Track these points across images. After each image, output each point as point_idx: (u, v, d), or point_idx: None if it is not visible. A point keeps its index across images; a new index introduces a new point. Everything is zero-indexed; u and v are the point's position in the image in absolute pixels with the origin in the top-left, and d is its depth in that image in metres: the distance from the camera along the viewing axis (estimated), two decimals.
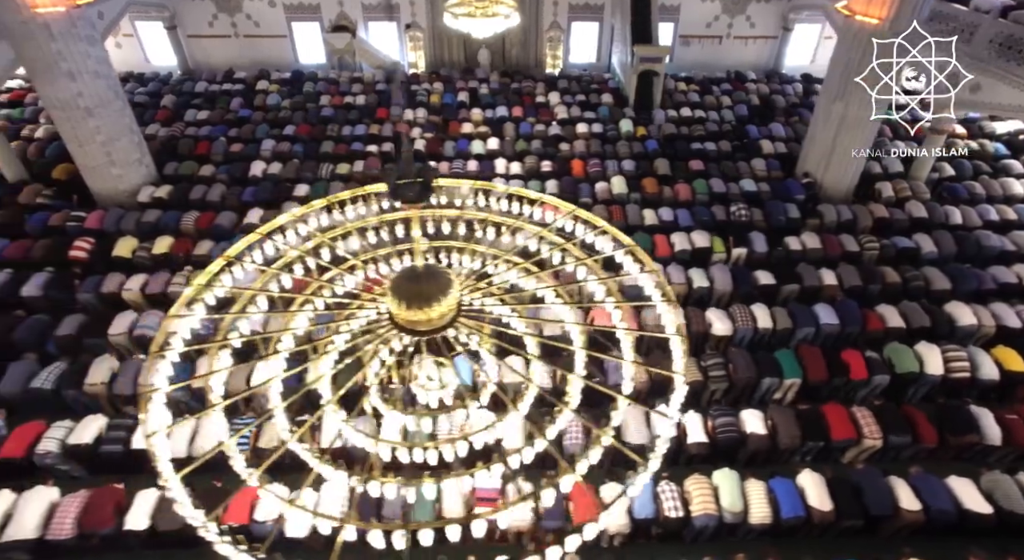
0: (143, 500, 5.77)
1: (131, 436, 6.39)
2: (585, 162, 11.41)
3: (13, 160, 11.23)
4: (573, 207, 3.58)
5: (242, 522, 5.72)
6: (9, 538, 5.38)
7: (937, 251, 9.33)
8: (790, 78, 15.97)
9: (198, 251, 9.13)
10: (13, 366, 7.09)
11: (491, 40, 16.94)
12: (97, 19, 10.35)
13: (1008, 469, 6.11)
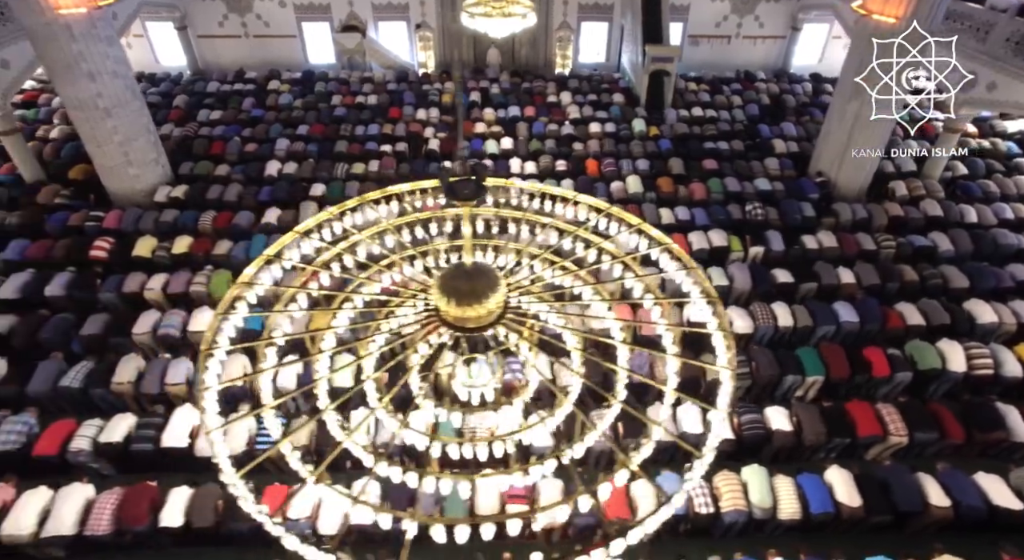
0: (176, 497, 5.80)
1: (160, 435, 6.42)
2: (599, 161, 11.45)
3: (30, 160, 11.26)
4: (639, 221, 3.59)
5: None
6: (48, 534, 5.43)
7: (954, 249, 9.38)
8: (799, 77, 16.00)
9: (217, 250, 9.17)
10: (42, 365, 7.13)
11: (501, 40, 17.00)
12: (111, 20, 10.35)
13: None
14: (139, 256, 9.12)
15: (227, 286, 8.40)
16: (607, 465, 6.45)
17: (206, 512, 5.75)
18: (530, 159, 11.55)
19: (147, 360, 7.42)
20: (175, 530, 5.73)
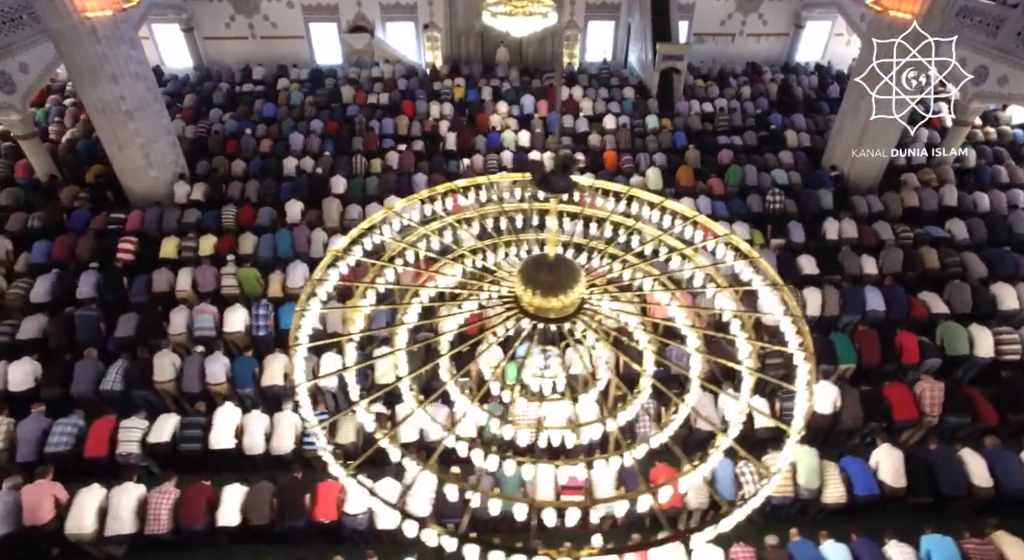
0: (231, 495, 5.81)
1: (206, 434, 6.44)
2: (618, 156, 11.58)
3: (48, 162, 11.21)
4: (726, 231, 3.66)
5: (331, 518, 5.81)
6: (111, 533, 5.46)
7: (970, 237, 9.62)
8: (806, 69, 16.27)
9: (242, 248, 9.17)
10: (79, 366, 7.08)
11: (509, 39, 17.11)
12: (132, 22, 10.32)
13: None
14: (165, 256, 9.10)
15: (256, 282, 8.48)
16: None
17: (262, 509, 5.78)
18: (549, 153, 11.65)
19: (182, 358, 7.41)
20: (232, 529, 5.79)
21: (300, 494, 5.76)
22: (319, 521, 5.77)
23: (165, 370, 7.08)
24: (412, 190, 10.66)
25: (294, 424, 6.46)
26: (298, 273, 8.47)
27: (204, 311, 7.82)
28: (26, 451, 6.28)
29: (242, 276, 8.45)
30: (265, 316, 7.83)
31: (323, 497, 5.81)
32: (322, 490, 5.83)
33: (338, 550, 5.81)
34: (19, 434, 6.27)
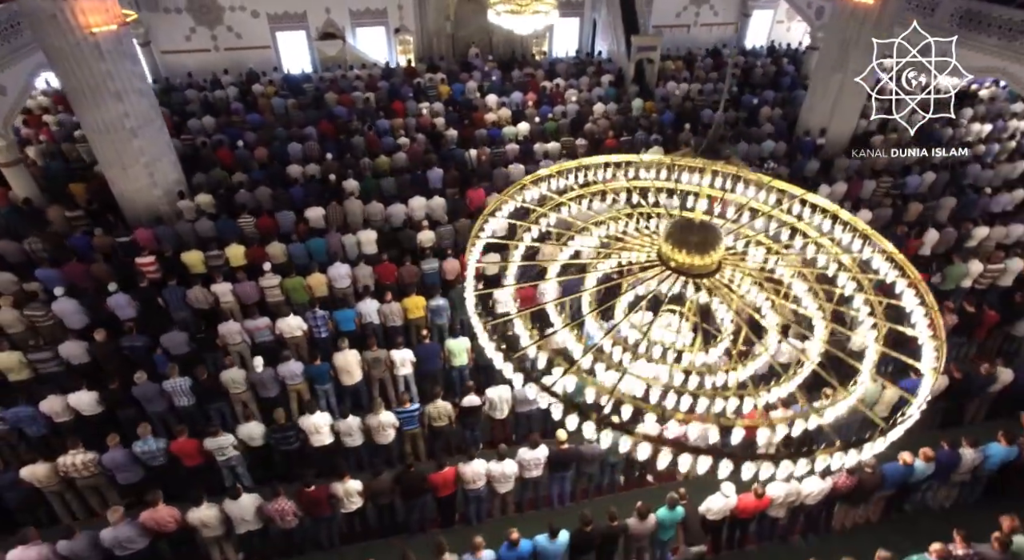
0: (347, 489, 5.90)
1: (298, 434, 6.48)
2: (617, 138, 12.22)
3: (32, 187, 10.57)
4: (864, 226, 4.11)
5: (451, 491, 6.07)
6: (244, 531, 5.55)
7: (934, 186, 10.96)
8: (759, 53, 17.60)
9: (273, 256, 8.99)
10: (141, 390, 6.83)
11: (478, 38, 17.52)
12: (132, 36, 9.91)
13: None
14: (193, 270, 8.88)
15: (303, 290, 8.47)
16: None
17: (384, 497, 5.96)
18: (552, 141, 12.13)
19: (244, 367, 7.34)
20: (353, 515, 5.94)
21: (419, 478, 5.94)
22: (441, 497, 6.02)
23: (237, 383, 7.01)
24: (429, 185, 10.87)
25: (390, 422, 6.56)
26: (342, 273, 8.53)
27: (259, 326, 7.72)
28: (128, 476, 6.14)
29: (288, 286, 8.36)
30: (324, 318, 7.86)
31: (440, 479, 6.00)
32: (435, 476, 6.01)
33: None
34: (108, 463, 6.07)
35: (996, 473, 6.31)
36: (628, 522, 5.39)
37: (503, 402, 6.71)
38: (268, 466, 6.69)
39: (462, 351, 7.34)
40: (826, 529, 6.35)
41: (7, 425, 6.51)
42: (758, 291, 4.27)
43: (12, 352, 7.08)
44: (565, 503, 6.57)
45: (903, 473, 5.87)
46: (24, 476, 5.83)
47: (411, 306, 7.94)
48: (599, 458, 6.23)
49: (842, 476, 5.72)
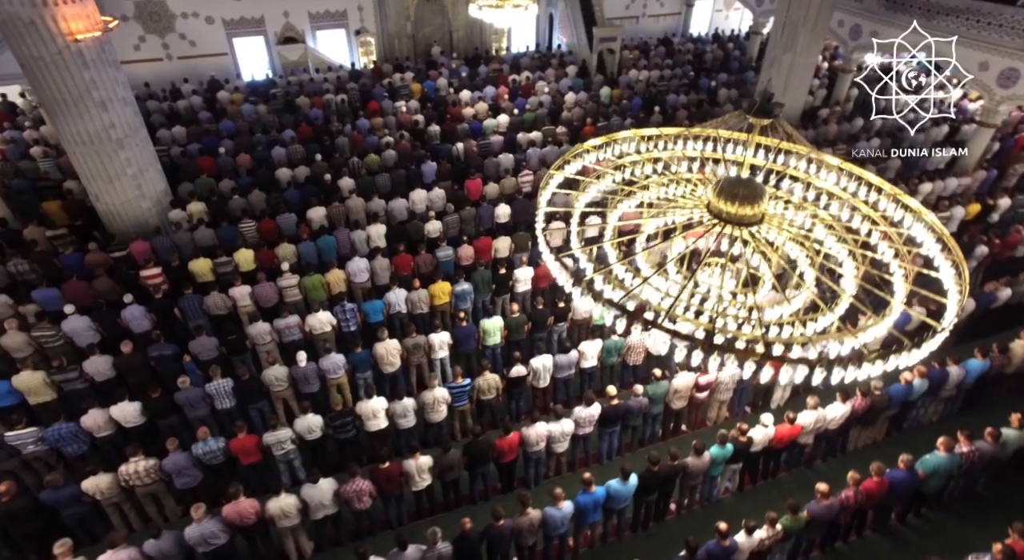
0: (419, 466, 6.08)
1: (355, 421, 6.65)
2: (594, 124, 12.82)
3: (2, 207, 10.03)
4: (895, 190, 4.74)
5: (514, 457, 6.42)
6: (318, 517, 5.75)
7: (882, 145, 12.23)
8: (706, 39, 18.76)
9: (283, 257, 8.98)
10: (185, 395, 6.79)
11: (438, 38, 17.76)
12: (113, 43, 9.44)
13: None
14: (201, 278, 8.75)
15: (321, 287, 8.56)
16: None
17: (453, 471, 6.24)
18: (533, 131, 12.58)
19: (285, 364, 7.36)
20: (422, 493, 6.20)
21: (486, 446, 6.24)
22: (503, 463, 6.36)
23: (280, 380, 7.06)
24: (423, 179, 11.08)
25: (443, 397, 6.82)
26: (361, 267, 8.67)
27: (289, 325, 7.77)
28: (187, 480, 6.09)
29: (308, 284, 8.42)
30: (352, 311, 7.99)
31: (505, 445, 6.29)
32: (501, 442, 6.30)
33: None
34: (169, 468, 6.03)
35: (973, 386, 7.32)
36: (687, 460, 5.93)
37: (545, 371, 7.12)
38: (322, 459, 6.79)
39: (496, 330, 7.68)
40: (842, 451, 7.16)
41: (46, 445, 6.30)
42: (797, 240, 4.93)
43: (35, 372, 6.83)
44: (612, 458, 7.06)
45: (904, 392, 6.73)
46: (87, 488, 5.71)
47: (438, 292, 8.20)
48: (644, 411, 6.75)
49: (858, 399, 6.50)
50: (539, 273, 8.68)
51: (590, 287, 4.35)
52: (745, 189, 4.72)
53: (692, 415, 7.30)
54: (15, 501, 5.48)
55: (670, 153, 5.30)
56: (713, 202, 4.92)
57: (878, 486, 5.61)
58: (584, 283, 4.34)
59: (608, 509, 5.82)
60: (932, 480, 5.85)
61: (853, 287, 4.98)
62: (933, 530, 6.44)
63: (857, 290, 4.93)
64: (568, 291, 4.56)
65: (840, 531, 6.08)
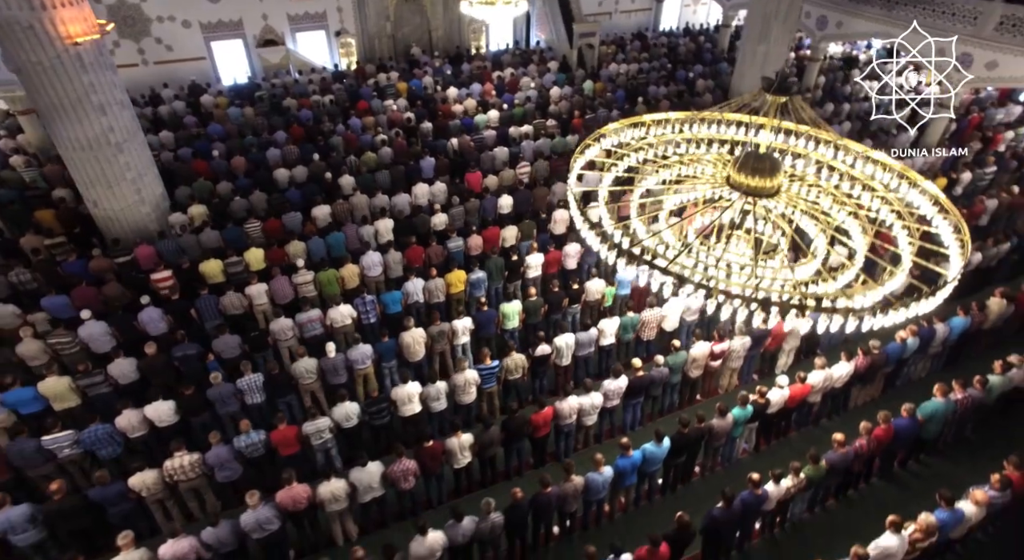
0: (461, 443, 6.27)
1: (390, 407, 6.84)
2: (582, 116, 13.21)
3: None
4: (901, 166, 5.24)
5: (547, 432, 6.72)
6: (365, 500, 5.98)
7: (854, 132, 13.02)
8: (677, 34, 19.42)
9: (293, 255, 9.06)
10: (217, 391, 6.86)
11: (417, 37, 17.91)
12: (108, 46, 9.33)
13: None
14: (212, 279, 8.75)
15: (336, 282, 8.69)
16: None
17: (492, 447, 6.50)
18: (524, 124, 12.89)
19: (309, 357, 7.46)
20: (460, 471, 6.45)
21: (522, 422, 6.52)
22: (537, 438, 6.66)
23: (309, 372, 7.19)
24: (423, 175, 11.26)
25: (474, 379, 7.06)
26: (375, 261, 8.83)
27: (311, 319, 7.86)
28: (228, 473, 6.19)
29: (323, 279, 8.53)
30: (372, 302, 8.16)
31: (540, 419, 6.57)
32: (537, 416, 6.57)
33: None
34: (212, 461, 6.11)
35: (956, 343, 7.97)
36: (713, 422, 6.34)
37: (568, 349, 7.44)
38: (357, 446, 6.93)
39: (515, 314, 7.96)
40: (844, 408, 7.70)
41: (81, 448, 6.30)
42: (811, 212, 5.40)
43: (60, 378, 6.78)
44: (635, 428, 7.43)
45: (899, 349, 7.31)
46: (134, 485, 5.75)
47: (453, 280, 8.43)
48: (665, 381, 7.14)
49: (860, 358, 7.04)
50: (549, 259, 9.00)
51: (623, 247, 4.69)
52: (764, 163, 5.17)
53: (707, 383, 7.73)
54: (66, 499, 5.50)
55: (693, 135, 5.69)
56: (733, 176, 5.35)
57: (886, 433, 6.13)
58: (612, 243, 4.69)
59: (641, 473, 6.18)
60: (930, 425, 6.41)
61: (863, 250, 5.48)
62: (931, 474, 7.02)
63: (866, 251, 5.43)
64: (596, 250, 4.91)
65: (853, 479, 6.58)
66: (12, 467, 6.03)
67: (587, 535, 6.32)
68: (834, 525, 6.48)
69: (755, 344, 7.56)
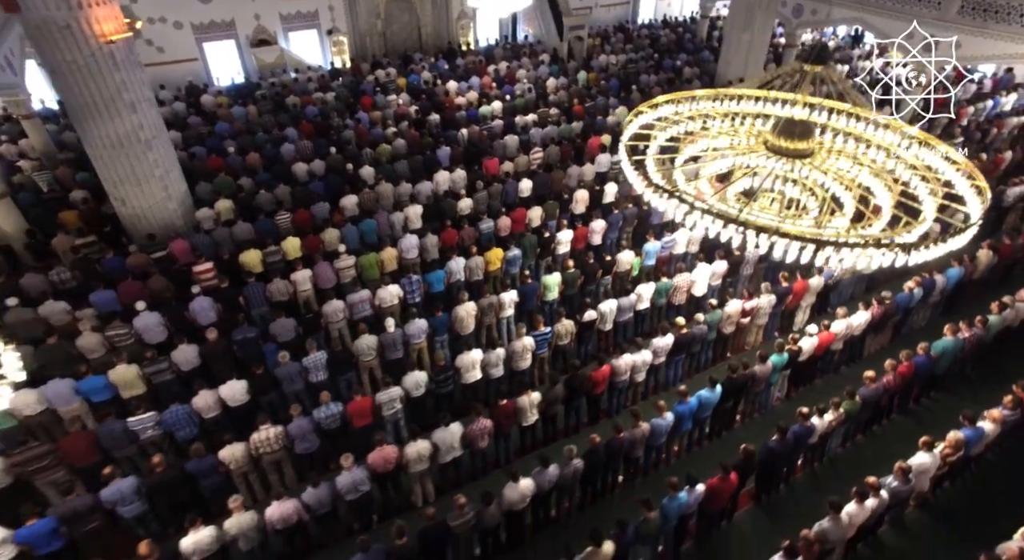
0: (531, 401, 6.69)
1: (454, 375, 7.20)
2: (582, 104, 13.77)
3: (19, 220, 9.73)
4: (926, 135, 5.84)
5: (602, 390, 7.24)
6: (446, 459, 6.40)
7: None
8: (657, 26, 20.23)
9: (329, 243, 9.33)
10: (284, 370, 7.10)
11: (407, 34, 18.22)
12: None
13: None
14: (250, 270, 8.92)
15: (376, 265, 9.03)
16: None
17: (557, 405, 6.95)
18: (529, 113, 13.39)
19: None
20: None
21: (583, 379, 7.02)
22: (594, 395, 7.18)
23: (370, 349, 7.50)
24: (440, 164, 11.63)
25: (530, 346, 7.50)
26: (412, 244, 9.19)
27: (362, 298, 8.18)
28: (307, 446, 6.46)
29: (364, 262, 8.85)
30: (418, 282, 8.52)
31: (599, 376, 7.06)
32: (596, 373, 7.06)
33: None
34: (295, 432, 6.38)
35: (951, 293, 8.84)
36: (755, 368, 6.97)
37: (611, 313, 7.97)
38: (421, 415, 7.30)
39: (555, 285, 8.45)
40: (859, 357, 8.47)
41: (162, 429, 6.49)
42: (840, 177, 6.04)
43: (129, 366, 6.93)
44: (676, 384, 8.00)
45: (907, 298, 8.11)
46: (224, 457, 6.00)
47: (492, 258, 8.87)
48: (703, 338, 7.74)
49: (875, 307, 7.80)
50: (577, 234, 9.52)
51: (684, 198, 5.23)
52: (799, 127, 5.78)
53: (736, 340, 8.38)
54: (167, 471, 5.72)
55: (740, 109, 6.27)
56: (771, 140, 5.96)
57: (908, 369, 6.87)
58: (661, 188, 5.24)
59: (696, 419, 6.75)
60: (943, 361, 7.19)
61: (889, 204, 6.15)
62: (940, 408, 7.82)
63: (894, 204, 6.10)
64: (647, 199, 5.45)
65: (879, 414, 7.32)
66: (101, 449, 6.18)
67: (648, 480, 6.86)
68: (863, 458, 7.20)
69: (778, 302, 8.24)
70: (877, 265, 4.96)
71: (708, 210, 5.11)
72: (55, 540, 5.37)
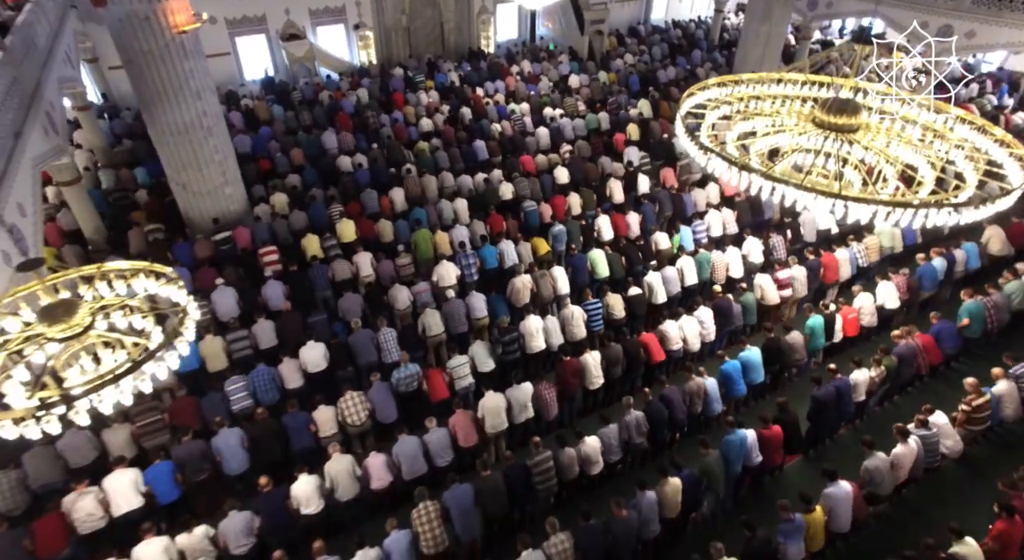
0: (595, 359, 7.23)
1: (520, 339, 7.64)
2: (605, 100, 14.36)
3: (93, 214, 10.25)
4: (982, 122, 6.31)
5: (661, 358, 7.77)
6: (519, 421, 6.90)
7: None
8: (666, 27, 20.76)
9: (383, 234, 9.86)
10: (357, 337, 7.54)
11: (429, 29, 18.67)
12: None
13: None
14: (314, 255, 9.40)
15: (429, 241, 9.49)
16: None
17: (618, 367, 7.46)
18: (557, 108, 13.93)
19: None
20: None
21: (635, 344, 7.57)
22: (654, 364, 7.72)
23: (437, 325, 7.94)
24: (476, 157, 12.15)
25: (580, 314, 8.03)
26: (463, 233, 9.66)
27: (425, 288, 8.62)
28: (386, 414, 6.86)
29: (418, 238, 9.40)
30: (473, 257, 9.02)
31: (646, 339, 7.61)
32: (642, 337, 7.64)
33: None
34: (374, 397, 6.79)
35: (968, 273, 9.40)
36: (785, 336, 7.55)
37: (659, 285, 8.50)
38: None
39: (602, 260, 8.96)
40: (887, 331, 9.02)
41: (249, 394, 6.91)
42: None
43: (216, 338, 7.41)
44: (715, 354, 8.54)
45: (929, 269, 8.66)
46: (316, 417, 6.48)
47: (538, 243, 9.42)
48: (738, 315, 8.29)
49: (898, 276, 8.38)
50: (616, 222, 10.02)
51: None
52: (847, 105, 6.30)
53: (773, 317, 8.89)
54: (267, 422, 6.22)
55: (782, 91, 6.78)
56: (820, 116, 6.48)
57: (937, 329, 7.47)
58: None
59: (748, 383, 7.29)
60: (973, 325, 7.76)
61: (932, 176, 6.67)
62: (967, 370, 8.32)
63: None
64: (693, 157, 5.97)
65: (916, 376, 7.86)
66: (202, 418, 6.63)
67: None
68: (902, 413, 7.76)
69: (812, 276, 8.78)
70: (932, 224, 5.45)
71: (769, 175, 5.63)
72: (173, 489, 5.84)
